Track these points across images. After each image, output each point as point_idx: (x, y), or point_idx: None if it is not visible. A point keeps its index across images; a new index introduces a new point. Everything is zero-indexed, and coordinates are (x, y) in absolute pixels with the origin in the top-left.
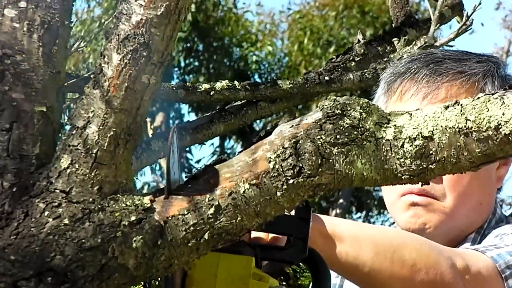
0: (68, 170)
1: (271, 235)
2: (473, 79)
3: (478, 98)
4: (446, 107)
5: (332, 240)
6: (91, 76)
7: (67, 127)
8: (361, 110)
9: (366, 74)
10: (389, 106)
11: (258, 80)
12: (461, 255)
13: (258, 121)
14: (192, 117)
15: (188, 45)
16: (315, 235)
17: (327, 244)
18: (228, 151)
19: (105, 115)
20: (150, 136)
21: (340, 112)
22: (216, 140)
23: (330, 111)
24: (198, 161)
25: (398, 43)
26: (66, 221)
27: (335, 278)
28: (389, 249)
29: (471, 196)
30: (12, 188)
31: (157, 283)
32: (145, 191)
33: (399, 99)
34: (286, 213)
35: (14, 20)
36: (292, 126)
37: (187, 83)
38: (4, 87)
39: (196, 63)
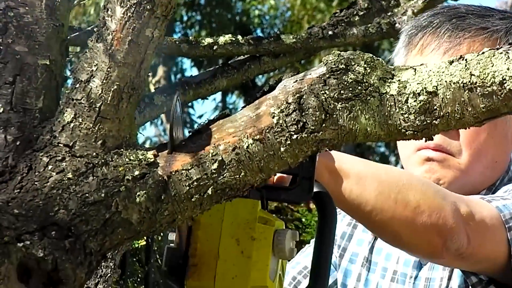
0: (72, 124)
1: (277, 175)
2: (495, 35)
3: (483, 53)
4: (451, 62)
5: (338, 176)
6: (94, 29)
7: (71, 81)
8: (365, 65)
9: (369, 29)
10: (409, 60)
11: (260, 34)
12: (466, 201)
13: (260, 76)
14: (194, 71)
15: None
16: (321, 170)
17: (332, 179)
18: (230, 106)
19: (109, 69)
20: (153, 90)
21: (344, 67)
22: (218, 95)
23: (334, 66)
24: (200, 116)
25: None
26: (69, 175)
27: (346, 226)
28: (394, 189)
29: (486, 153)
30: (15, 141)
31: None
32: (147, 145)
33: (419, 53)
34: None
35: None
36: (296, 81)
37: (190, 38)
38: (7, 40)
39: (198, 17)
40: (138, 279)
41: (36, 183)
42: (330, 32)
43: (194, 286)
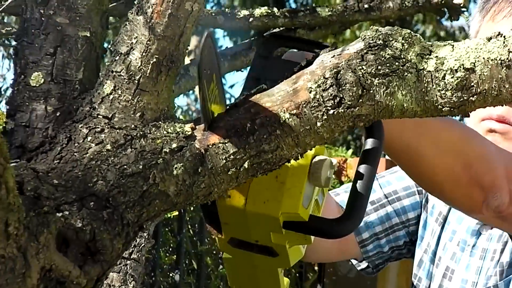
0: (111, 96)
1: None
2: None
3: None
4: (489, 39)
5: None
6: (135, 2)
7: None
8: (403, 41)
9: (406, 2)
10: (482, 25)
11: (293, 4)
12: None
13: None
14: (227, 41)
15: None
16: None
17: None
18: None
19: (148, 42)
20: (188, 62)
21: (382, 42)
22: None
23: (372, 42)
24: (231, 86)
25: None
26: (108, 146)
27: (443, 206)
28: (445, 138)
29: None
30: (55, 112)
31: None
32: (178, 114)
33: (491, 19)
34: None
35: None
36: (334, 56)
37: (223, 7)
38: (48, 11)
39: None
40: (170, 249)
41: (75, 154)
42: (365, 6)
43: (224, 205)
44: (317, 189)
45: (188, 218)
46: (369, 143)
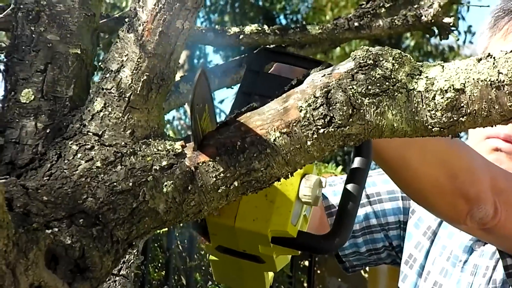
0: (101, 113)
1: None
2: None
3: (511, 51)
4: (479, 60)
5: None
6: (126, 20)
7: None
8: (393, 61)
9: (395, 21)
10: (492, 43)
11: (284, 21)
12: (507, 176)
13: None
14: (216, 57)
15: None
16: None
17: None
18: None
19: (139, 59)
20: (178, 78)
21: (372, 62)
22: None
23: (362, 61)
24: (221, 101)
25: None
26: (98, 164)
27: (433, 220)
28: (430, 147)
29: None
30: (45, 129)
31: None
32: (167, 128)
33: (503, 37)
34: None
35: None
36: (324, 75)
37: (213, 24)
38: (39, 28)
39: (222, 2)
40: (159, 265)
41: (65, 170)
42: (356, 24)
43: (214, 222)
44: (306, 205)
45: (177, 234)
46: (357, 162)
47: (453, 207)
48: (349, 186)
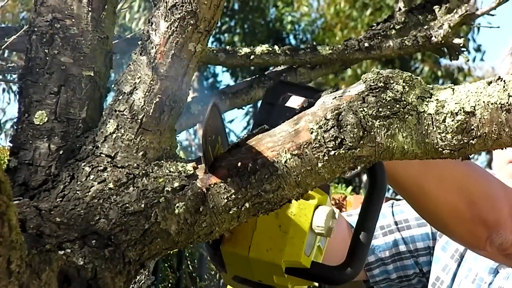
0: (114, 135)
1: None
2: None
3: None
4: (489, 83)
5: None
6: (138, 42)
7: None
8: (404, 84)
9: (406, 42)
10: None
11: (293, 41)
12: None
13: None
14: (226, 76)
15: (224, 4)
16: None
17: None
18: None
19: (151, 82)
20: (190, 99)
21: (383, 85)
22: None
23: (373, 84)
24: (231, 121)
25: (439, 11)
26: (110, 185)
27: (449, 259)
28: (449, 175)
29: None
30: (59, 150)
31: None
32: (178, 149)
33: None
34: None
35: None
36: (335, 97)
37: (223, 44)
38: (53, 51)
39: (232, 23)
40: (170, 285)
41: (78, 192)
42: (366, 44)
43: (229, 252)
44: (319, 236)
45: (187, 254)
46: (371, 191)
47: (472, 234)
48: (364, 215)
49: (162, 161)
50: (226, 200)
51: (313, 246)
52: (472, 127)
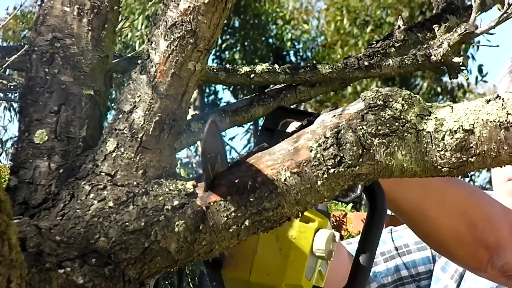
0: (114, 154)
1: None
2: None
3: None
4: (488, 101)
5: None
6: (138, 61)
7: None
8: (403, 102)
9: (405, 60)
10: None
11: (293, 58)
12: None
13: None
14: (226, 94)
15: (225, 21)
16: None
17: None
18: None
19: (151, 100)
20: (190, 117)
21: (382, 103)
22: None
23: (372, 102)
24: (231, 138)
25: (438, 29)
26: (110, 203)
27: (449, 279)
28: (449, 198)
29: None
30: (59, 169)
31: None
32: (178, 167)
33: None
34: None
35: (65, 4)
36: (334, 116)
37: (224, 62)
38: (53, 70)
39: (232, 40)
40: None
41: (78, 210)
42: (365, 63)
43: (230, 276)
44: (320, 260)
45: (188, 272)
46: (372, 215)
47: (474, 256)
48: (364, 240)
49: (162, 180)
50: (226, 218)
51: (314, 270)
52: (471, 145)
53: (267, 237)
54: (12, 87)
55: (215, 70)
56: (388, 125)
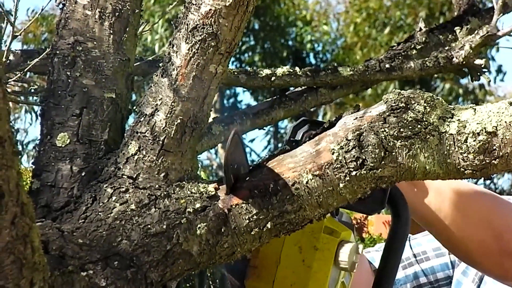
0: (136, 157)
1: None
2: None
3: None
4: (511, 103)
5: (418, 186)
6: (160, 64)
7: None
8: (425, 104)
9: (427, 63)
10: None
11: (313, 60)
12: None
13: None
14: (246, 96)
15: (245, 26)
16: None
17: (411, 189)
18: (282, 131)
19: (173, 103)
20: (211, 119)
21: (404, 105)
22: None
23: (394, 104)
24: (251, 140)
25: (460, 32)
26: (132, 206)
27: (470, 283)
28: (475, 209)
29: None
30: (81, 172)
31: None
32: (200, 170)
33: None
34: None
35: (86, 8)
36: (356, 118)
37: (244, 64)
38: (75, 73)
39: (252, 42)
40: None
41: (100, 213)
42: (387, 65)
43: (253, 287)
44: (343, 271)
45: (209, 274)
46: (396, 227)
47: (499, 266)
48: (387, 255)
49: (184, 182)
50: (247, 221)
51: (337, 281)
52: (494, 147)
53: (290, 248)
54: (32, 90)
55: (235, 73)
56: (410, 127)
